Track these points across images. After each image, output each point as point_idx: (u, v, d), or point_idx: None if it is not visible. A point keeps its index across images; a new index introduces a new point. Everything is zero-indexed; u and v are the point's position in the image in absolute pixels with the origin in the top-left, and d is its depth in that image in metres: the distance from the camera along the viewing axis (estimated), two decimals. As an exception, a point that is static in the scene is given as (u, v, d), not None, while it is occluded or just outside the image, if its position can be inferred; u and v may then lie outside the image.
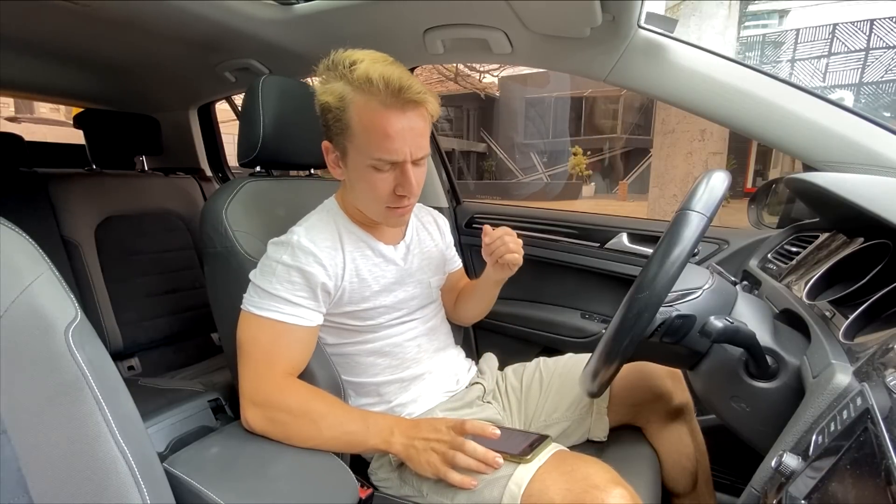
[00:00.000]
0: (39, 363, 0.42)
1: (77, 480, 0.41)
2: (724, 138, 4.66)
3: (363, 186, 0.75)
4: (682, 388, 0.92)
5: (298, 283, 0.73)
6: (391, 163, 0.72)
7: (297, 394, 0.72)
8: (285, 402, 0.70)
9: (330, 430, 0.70)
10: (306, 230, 0.77)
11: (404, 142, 0.70)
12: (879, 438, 0.34)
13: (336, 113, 0.72)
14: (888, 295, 0.57)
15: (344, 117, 0.71)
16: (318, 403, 0.72)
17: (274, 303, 0.72)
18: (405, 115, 0.69)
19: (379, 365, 0.86)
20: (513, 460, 0.69)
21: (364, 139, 0.71)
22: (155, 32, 1.07)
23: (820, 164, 0.84)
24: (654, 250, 0.59)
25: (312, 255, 0.74)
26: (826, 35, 7.82)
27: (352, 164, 0.75)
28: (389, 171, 0.73)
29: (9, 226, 0.44)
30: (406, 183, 0.73)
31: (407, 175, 0.73)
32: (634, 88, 1.01)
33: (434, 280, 0.94)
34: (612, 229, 1.33)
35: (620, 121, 14.58)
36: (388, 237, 0.86)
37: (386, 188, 0.74)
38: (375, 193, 0.75)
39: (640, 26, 0.92)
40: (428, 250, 0.93)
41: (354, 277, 0.79)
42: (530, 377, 0.98)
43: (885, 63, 7.43)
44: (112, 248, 1.39)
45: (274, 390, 0.71)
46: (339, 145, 0.75)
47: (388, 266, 0.84)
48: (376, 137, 0.70)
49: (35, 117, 10.04)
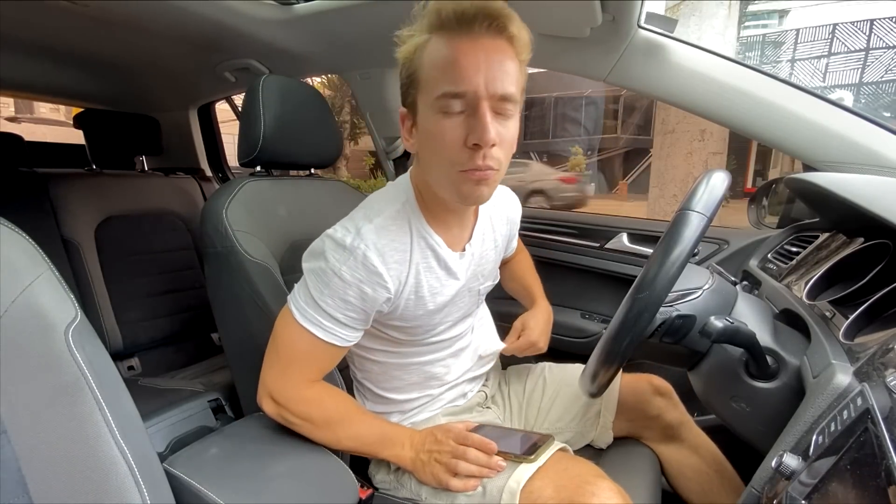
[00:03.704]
0: (39, 363, 0.41)
1: (77, 480, 0.41)
2: (724, 138, 4.66)
3: (432, 145, 0.61)
4: (672, 404, 0.91)
5: (353, 303, 0.65)
6: (458, 96, 0.57)
7: (319, 405, 0.71)
8: (306, 412, 0.70)
9: (347, 440, 0.71)
10: (377, 233, 0.65)
11: (476, 70, 0.56)
12: (879, 438, 0.34)
13: (408, 65, 0.62)
14: (888, 295, 0.57)
15: (414, 64, 0.61)
16: (338, 412, 0.72)
17: (320, 317, 0.66)
18: (479, 42, 0.56)
19: (404, 380, 0.83)
20: (517, 460, 0.69)
21: (430, 77, 0.59)
22: (155, 32, 1.07)
23: (820, 164, 0.84)
24: (654, 250, 0.59)
25: (378, 275, 0.65)
26: (826, 35, 7.82)
27: (421, 120, 0.62)
28: (459, 114, 0.58)
29: (9, 226, 0.44)
30: (477, 126, 0.56)
31: (480, 117, 0.56)
32: (634, 88, 1.01)
33: (484, 287, 0.85)
34: (612, 229, 1.33)
35: (620, 121, 14.58)
36: (455, 241, 0.74)
37: (455, 137, 0.58)
38: (444, 150, 0.59)
39: (640, 26, 0.92)
40: (487, 254, 0.81)
41: (412, 295, 0.71)
42: (534, 383, 0.97)
43: (885, 63, 7.43)
44: (112, 248, 1.39)
45: (297, 398, 0.70)
46: (411, 104, 0.64)
47: (448, 280, 0.74)
48: (441, 65, 0.57)
49: (35, 117, 10.04)
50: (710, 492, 0.87)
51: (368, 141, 2.25)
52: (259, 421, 0.79)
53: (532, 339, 0.90)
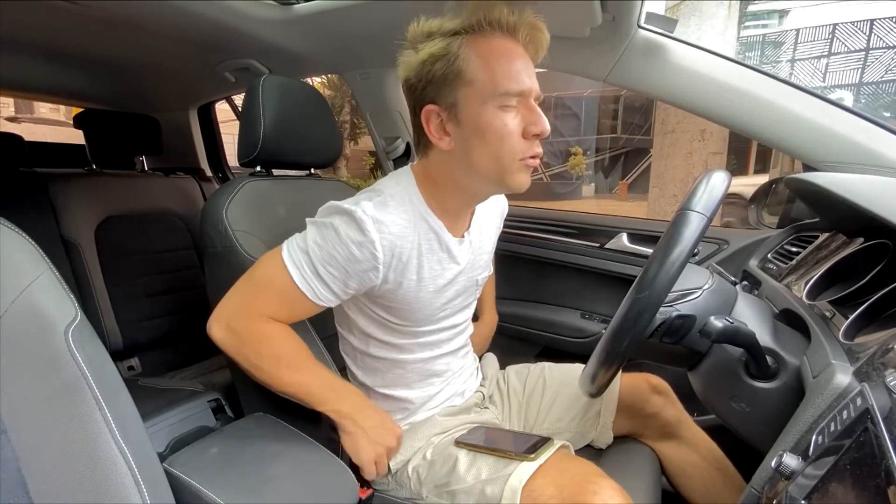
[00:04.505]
0: (39, 363, 0.42)
1: (77, 480, 0.41)
2: (724, 138, 4.65)
3: (492, 138, 0.65)
4: (669, 401, 0.91)
5: (338, 261, 0.67)
6: (520, 94, 0.65)
7: (272, 342, 0.71)
8: (256, 346, 0.70)
9: (290, 385, 0.71)
10: (376, 207, 0.68)
11: (527, 72, 0.66)
12: (879, 438, 0.34)
13: (444, 61, 0.64)
14: (888, 295, 0.57)
15: (456, 62, 0.64)
16: (289, 355, 0.72)
17: (304, 262, 0.68)
18: (521, 49, 0.67)
19: (403, 378, 0.84)
20: (517, 458, 0.70)
21: (486, 74, 0.64)
22: (155, 32, 1.07)
23: (820, 164, 0.84)
24: (654, 250, 0.59)
25: (370, 242, 0.66)
26: (826, 35, 7.81)
27: (470, 116, 0.65)
28: (516, 109, 0.66)
29: (9, 226, 0.44)
30: (538, 119, 0.66)
31: (536, 111, 0.66)
32: (634, 88, 1.01)
33: (481, 277, 0.87)
34: (612, 229, 1.33)
35: (620, 121, 14.59)
36: (456, 228, 0.78)
37: (515, 129, 0.65)
38: (509, 140, 0.65)
39: (640, 26, 0.92)
40: (482, 244, 0.85)
41: (414, 275, 0.73)
42: (534, 382, 0.97)
43: (885, 63, 7.42)
44: (112, 248, 1.39)
45: (252, 329, 0.70)
46: (448, 101, 0.66)
47: (450, 264, 0.77)
48: (503, 67, 0.64)
49: (35, 117, 10.04)
50: (711, 489, 0.87)
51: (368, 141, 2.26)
52: (259, 421, 0.79)
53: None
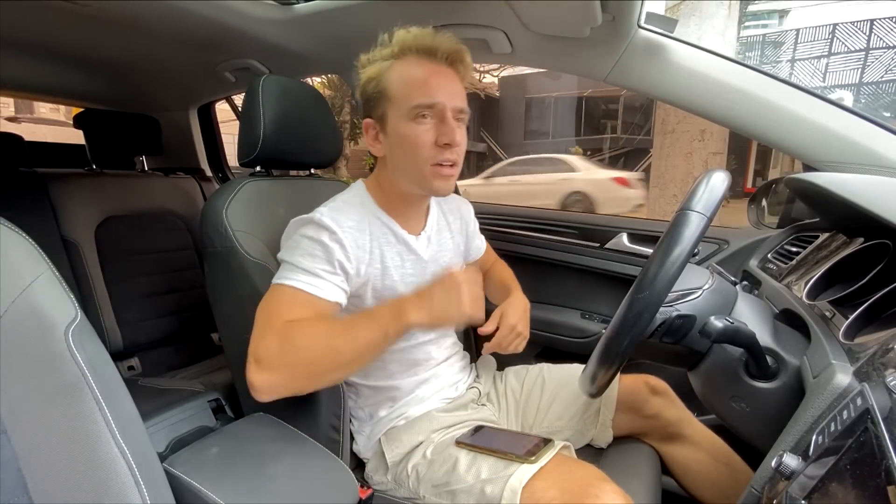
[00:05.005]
0: (39, 363, 0.42)
1: (77, 480, 0.41)
2: (724, 138, 4.65)
3: (406, 145, 0.75)
4: (669, 401, 0.91)
5: (320, 256, 0.71)
6: (431, 107, 0.73)
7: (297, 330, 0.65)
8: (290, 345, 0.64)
9: (350, 350, 0.65)
10: (330, 210, 0.76)
11: (441, 89, 0.73)
12: (879, 438, 0.34)
13: (376, 81, 0.76)
14: (888, 295, 0.57)
15: (382, 82, 0.75)
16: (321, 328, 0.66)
17: (295, 273, 0.70)
18: (440, 68, 0.75)
19: (388, 369, 0.86)
20: (517, 460, 0.70)
21: (402, 91, 0.74)
22: (155, 32, 1.07)
23: (820, 164, 0.84)
24: (654, 250, 0.59)
25: (331, 232, 0.72)
26: (826, 35, 7.81)
27: (392, 126, 0.76)
28: (430, 121, 0.74)
29: (9, 226, 0.44)
30: (448, 130, 0.73)
31: (448, 123, 0.74)
32: (634, 88, 1.01)
33: None
34: (612, 229, 1.33)
35: (620, 121, 14.60)
36: (412, 226, 0.85)
37: (428, 139, 0.74)
38: (419, 148, 0.74)
39: (640, 26, 0.92)
40: (444, 242, 0.92)
41: (378, 264, 0.79)
42: (532, 382, 0.98)
43: (885, 63, 7.42)
44: (112, 248, 1.39)
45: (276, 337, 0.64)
46: (379, 113, 0.77)
47: (409, 255, 0.84)
48: (414, 84, 0.73)
49: (35, 117, 10.03)
50: (718, 485, 0.87)
51: (368, 141, 2.24)
52: (259, 421, 0.80)
53: (511, 321, 0.85)
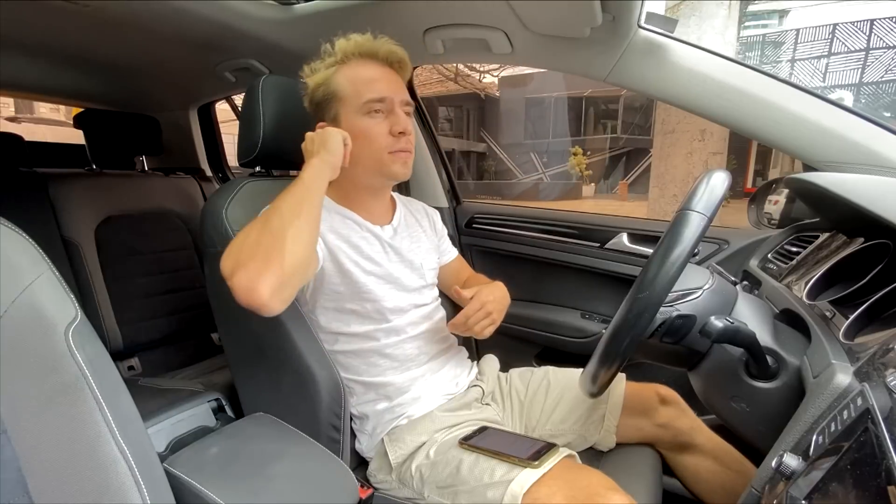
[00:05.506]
0: (39, 363, 0.42)
1: (77, 480, 0.41)
2: (724, 138, 4.66)
3: (362, 138, 0.81)
4: (680, 411, 0.91)
5: None
6: (381, 100, 0.81)
7: (248, 227, 0.70)
8: (242, 237, 0.68)
9: (289, 210, 0.69)
10: None
11: (387, 85, 0.82)
12: (880, 438, 0.34)
13: (324, 87, 0.82)
14: (888, 295, 0.57)
15: (331, 86, 0.82)
16: (264, 214, 0.72)
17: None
18: (383, 68, 0.84)
19: (381, 366, 0.86)
20: (520, 464, 0.69)
21: (352, 90, 0.81)
22: (155, 32, 1.07)
23: (820, 164, 0.84)
24: (655, 250, 0.59)
25: None
26: (826, 35, 7.82)
27: (346, 124, 0.81)
28: (381, 115, 0.82)
29: (9, 226, 0.44)
30: (399, 120, 0.82)
31: (398, 114, 0.82)
32: (634, 88, 1.00)
33: (426, 262, 0.94)
34: (612, 229, 1.33)
35: (620, 121, 14.60)
36: (375, 218, 0.89)
37: (382, 130, 0.81)
38: (374, 140, 0.81)
39: (640, 26, 0.92)
40: (416, 235, 0.96)
41: (346, 246, 0.82)
42: (537, 384, 0.98)
43: (885, 63, 7.43)
44: (112, 248, 1.39)
45: (232, 244, 0.68)
46: (332, 115, 0.83)
47: (375, 240, 0.87)
48: (362, 83, 0.81)
49: (35, 117, 10.03)
50: (730, 490, 0.86)
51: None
52: (259, 421, 0.80)
53: (484, 297, 0.83)
